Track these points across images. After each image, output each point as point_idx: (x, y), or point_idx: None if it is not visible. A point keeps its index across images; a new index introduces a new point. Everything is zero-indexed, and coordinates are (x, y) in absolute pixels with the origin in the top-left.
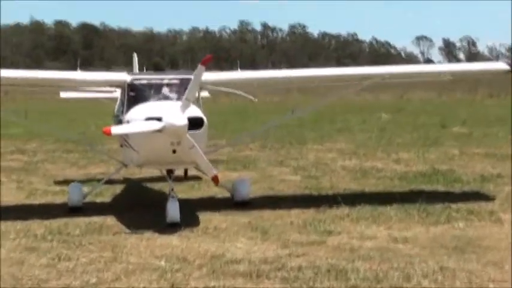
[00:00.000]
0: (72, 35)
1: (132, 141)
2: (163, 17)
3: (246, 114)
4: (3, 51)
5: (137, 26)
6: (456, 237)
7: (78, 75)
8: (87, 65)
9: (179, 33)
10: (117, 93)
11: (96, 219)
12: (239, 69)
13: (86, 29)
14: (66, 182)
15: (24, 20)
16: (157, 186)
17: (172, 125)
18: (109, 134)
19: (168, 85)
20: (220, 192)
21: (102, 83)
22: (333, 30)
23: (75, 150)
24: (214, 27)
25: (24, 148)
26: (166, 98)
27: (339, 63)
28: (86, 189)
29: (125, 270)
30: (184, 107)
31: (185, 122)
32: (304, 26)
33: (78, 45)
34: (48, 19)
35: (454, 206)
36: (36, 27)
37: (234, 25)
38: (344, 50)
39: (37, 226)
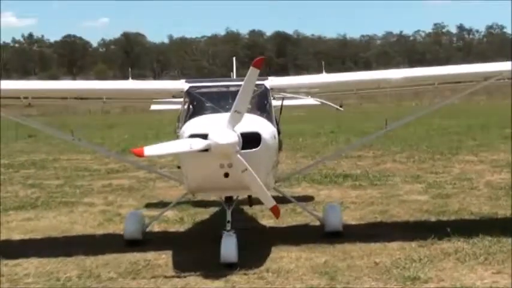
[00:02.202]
0: (265, 43)
1: (181, 163)
2: (356, 23)
3: None
4: (201, 62)
5: (330, 33)
6: None
7: (128, 85)
8: (281, 72)
9: (372, 38)
10: None
11: (148, 256)
12: (324, 72)
13: (280, 37)
14: (159, 205)
15: (221, 31)
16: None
17: (216, 143)
18: (141, 155)
19: (232, 94)
20: None
21: (156, 93)
22: None
23: None
24: (409, 31)
25: (157, 162)
26: (228, 109)
27: None
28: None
29: None
30: (234, 121)
31: (233, 139)
32: (502, 26)
33: (271, 53)
34: (243, 29)
35: None
36: (232, 37)
37: (428, 28)
38: None
39: (73, 266)
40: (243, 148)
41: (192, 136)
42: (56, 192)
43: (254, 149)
